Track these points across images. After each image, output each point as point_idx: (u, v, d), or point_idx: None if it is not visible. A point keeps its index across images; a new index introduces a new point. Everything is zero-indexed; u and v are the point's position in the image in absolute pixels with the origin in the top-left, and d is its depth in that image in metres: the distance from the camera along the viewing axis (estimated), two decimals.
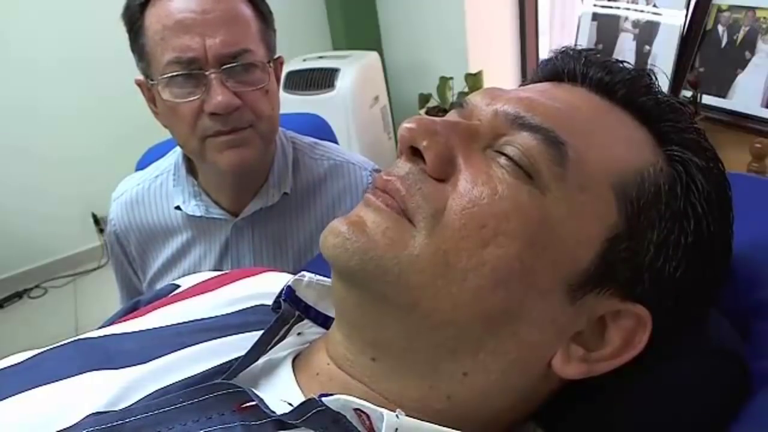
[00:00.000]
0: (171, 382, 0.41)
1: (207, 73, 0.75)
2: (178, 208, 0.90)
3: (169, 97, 0.77)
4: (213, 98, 0.75)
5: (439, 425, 0.36)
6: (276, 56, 0.85)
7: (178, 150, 0.91)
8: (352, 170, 0.94)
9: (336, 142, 1.18)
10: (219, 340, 0.46)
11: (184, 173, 0.90)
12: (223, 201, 0.90)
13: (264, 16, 0.82)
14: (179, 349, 0.44)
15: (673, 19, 1.44)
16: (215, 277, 0.59)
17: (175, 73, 0.75)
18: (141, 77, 0.82)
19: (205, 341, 0.45)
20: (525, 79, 0.48)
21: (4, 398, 0.41)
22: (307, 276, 0.48)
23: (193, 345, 0.45)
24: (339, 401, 0.35)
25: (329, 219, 0.40)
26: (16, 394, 0.41)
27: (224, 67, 0.75)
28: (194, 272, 0.90)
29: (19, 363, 0.46)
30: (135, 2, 0.77)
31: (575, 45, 0.45)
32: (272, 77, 0.83)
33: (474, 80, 2.12)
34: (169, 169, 0.93)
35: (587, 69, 0.42)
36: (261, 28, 0.81)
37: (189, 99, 0.76)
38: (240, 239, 0.91)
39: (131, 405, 0.39)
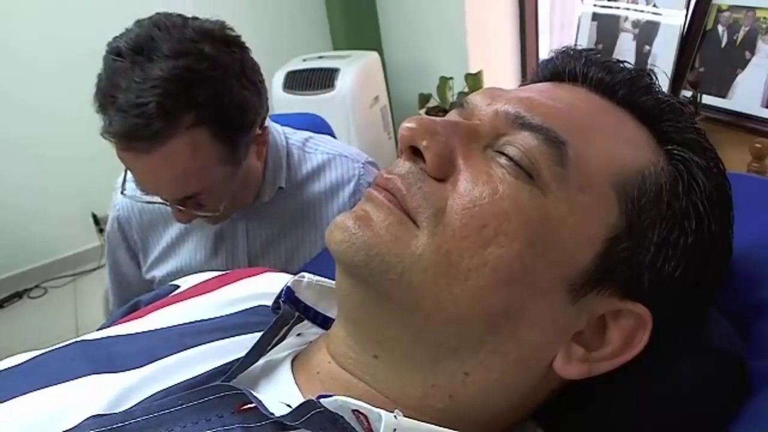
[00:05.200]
0: (172, 384, 0.41)
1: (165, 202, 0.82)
2: None
3: None
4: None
5: (439, 425, 0.36)
6: (257, 133, 0.83)
7: None
8: (345, 163, 0.96)
9: None
10: (220, 341, 0.46)
11: None
12: None
13: (225, 133, 0.76)
14: (181, 351, 0.44)
15: (673, 19, 1.44)
16: (215, 277, 0.59)
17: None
18: None
19: (207, 342, 0.46)
20: (525, 79, 0.48)
21: (6, 400, 0.41)
22: (307, 277, 0.48)
23: (195, 346, 0.45)
24: (337, 402, 0.35)
25: (322, 211, 0.40)
26: (18, 395, 0.41)
27: (177, 206, 0.81)
28: (192, 259, 0.95)
29: (20, 364, 0.46)
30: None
31: (575, 45, 0.45)
32: (250, 159, 0.84)
33: (474, 80, 2.12)
34: None
35: (588, 69, 0.42)
36: (219, 147, 0.77)
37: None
38: (234, 230, 0.94)
39: (132, 407, 0.39)
